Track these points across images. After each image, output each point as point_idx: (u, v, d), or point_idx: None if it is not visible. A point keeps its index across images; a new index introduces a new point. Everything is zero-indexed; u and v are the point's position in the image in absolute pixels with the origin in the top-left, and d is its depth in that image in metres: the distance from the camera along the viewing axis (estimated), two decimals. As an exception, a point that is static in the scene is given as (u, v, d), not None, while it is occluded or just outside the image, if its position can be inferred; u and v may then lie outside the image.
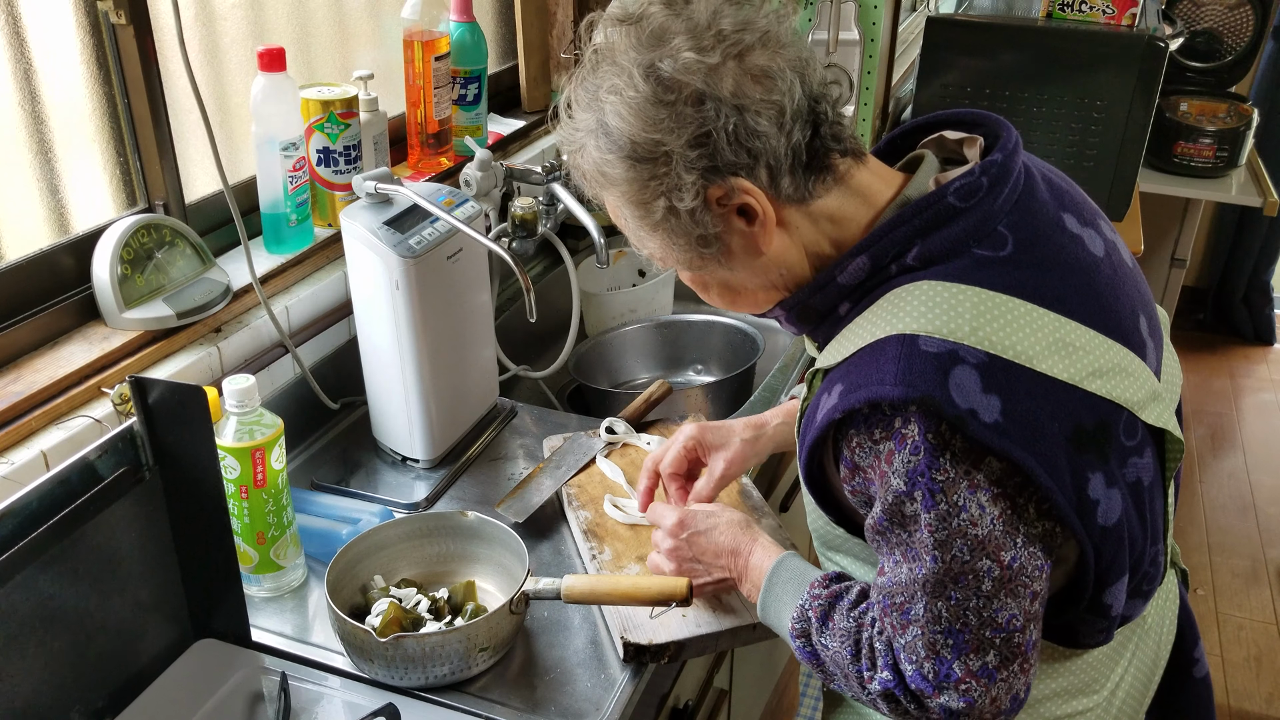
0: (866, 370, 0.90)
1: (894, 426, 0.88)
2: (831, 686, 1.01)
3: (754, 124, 0.90)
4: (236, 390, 1.17)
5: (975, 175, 0.94)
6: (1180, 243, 3.56)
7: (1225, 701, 2.60)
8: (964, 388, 0.85)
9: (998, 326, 0.88)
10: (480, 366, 1.57)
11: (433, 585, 1.25)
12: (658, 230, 0.98)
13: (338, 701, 1.12)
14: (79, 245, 1.34)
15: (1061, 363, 0.89)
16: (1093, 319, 0.92)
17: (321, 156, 1.58)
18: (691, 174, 0.92)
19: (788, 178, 0.94)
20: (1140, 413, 0.93)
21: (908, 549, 0.91)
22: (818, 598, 1.01)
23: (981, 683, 0.89)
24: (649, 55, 0.91)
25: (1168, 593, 1.14)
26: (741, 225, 0.96)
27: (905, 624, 0.91)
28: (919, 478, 0.87)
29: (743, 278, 1.02)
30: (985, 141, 1.01)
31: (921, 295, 0.91)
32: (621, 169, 0.94)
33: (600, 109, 0.94)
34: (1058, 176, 1.04)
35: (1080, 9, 2.55)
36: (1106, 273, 0.97)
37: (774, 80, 0.91)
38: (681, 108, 0.90)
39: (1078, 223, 0.98)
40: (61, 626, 1.02)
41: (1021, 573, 0.88)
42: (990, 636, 0.89)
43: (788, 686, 2.31)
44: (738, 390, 1.79)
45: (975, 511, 0.87)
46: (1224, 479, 3.43)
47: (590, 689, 1.14)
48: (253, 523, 1.22)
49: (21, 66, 1.27)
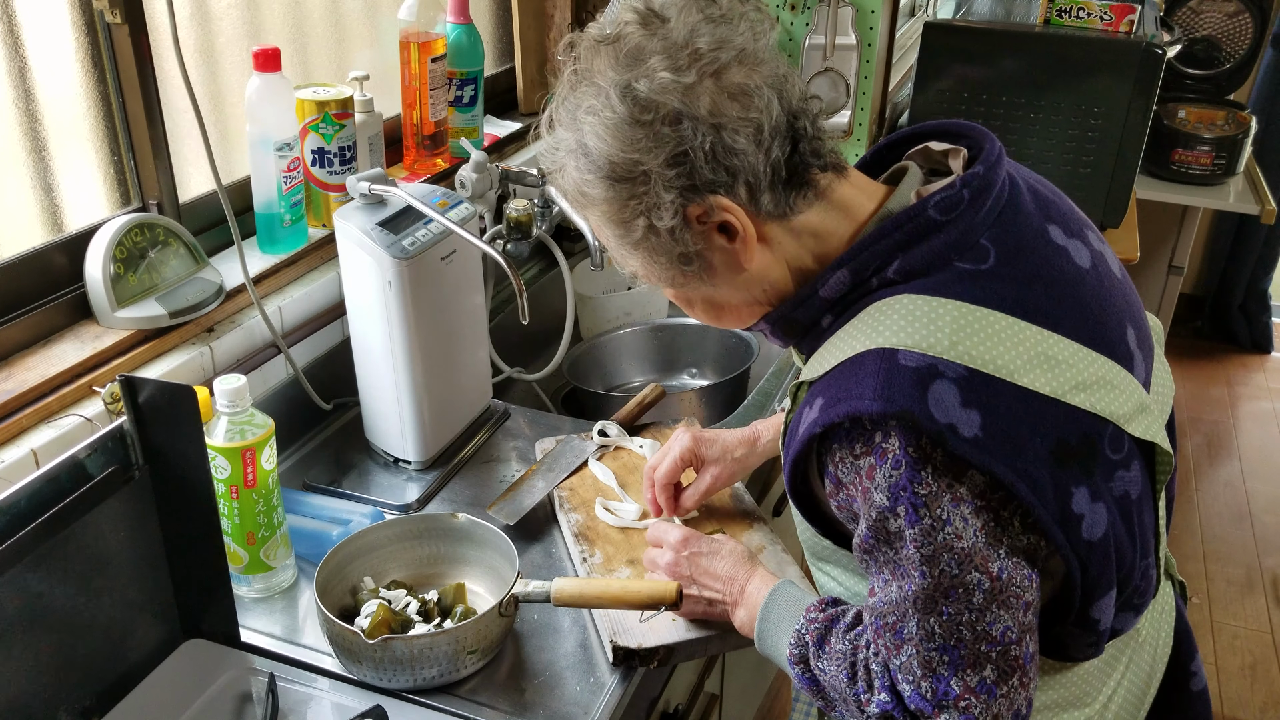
0: (846, 384, 0.89)
1: (874, 441, 0.88)
2: (832, 716, 1.01)
3: (731, 142, 0.90)
4: (227, 390, 1.17)
5: (956, 188, 0.93)
6: (1178, 250, 3.56)
7: (1220, 710, 2.60)
8: (943, 402, 0.85)
9: (978, 340, 0.87)
10: (473, 368, 1.57)
11: (422, 587, 1.25)
12: (638, 249, 0.98)
13: (326, 703, 1.12)
14: (72, 244, 1.34)
15: (1044, 376, 0.88)
16: (1077, 332, 0.92)
17: (316, 157, 1.58)
18: (670, 193, 0.92)
19: (768, 194, 0.93)
20: (1127, 426, 0.92)
21: (896, 566, 0.90)
22: (814, 621, 1.01)
23: (981, 699, 0.88)
24: (626, 75, 0.91)
25: (1163, 605, 1.13)
26: (723, 242, 0.95)
27: (899, 644, 0.90)
28: (901, 492, 0.87)
29: (726, 294, 1.02)
30: (969, 153, 1.01)
31: (901, 309, 0.90)
32: (601, 189, 0.94)
33: (579, 129, 0.94)
34: (1044, 187, 1.04)
35: (1078, 15, 2.55)
36: (1093, 284, 0.96)
37: (751, 97, 0.91)
38: (659, 127, 0.90)
39: (1063, 234, 0.98)
40: (49, 625, 1.02)
41: (1011, 583, 0.88)
42: (986, 651, 0.88)
43: (780, 692, 2.31)
44: (732, 394, 1.79)
45: (959, 525, 0.86)
46: (1220, 487, 3.43)
47: (579, 692, 1.14)
48: (243, 523, 1.22)
49: (16, 65, 1.27)
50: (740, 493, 1.43)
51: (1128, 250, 2.54)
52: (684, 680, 1.45)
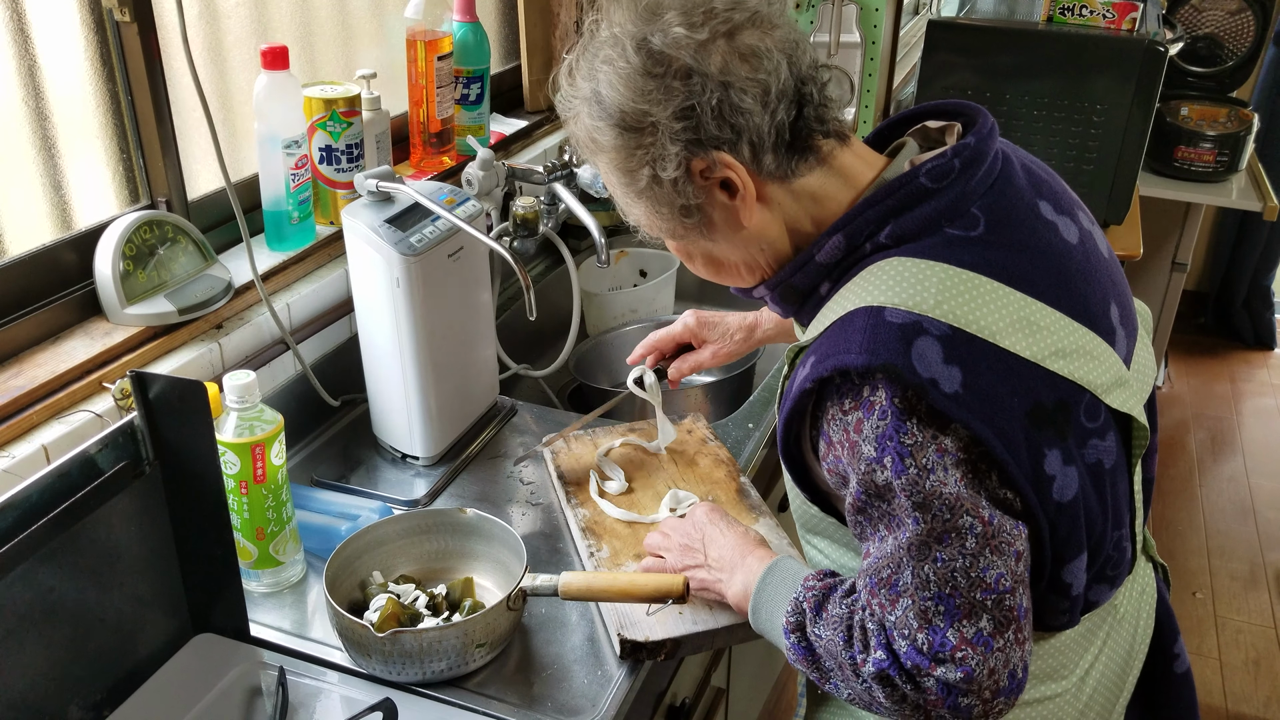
0: (835, 341, 0.92)
1: (862, 395, 0.90)
2: (827, 687, 1.01)
3: (738, 100, 0.94)
4: (237, 386, 1.18)
5: (948, 158, 0.97)
6: (1181, 247, 3.56)
7: (1224, 705, 2.60)
8: (926, 358, 0.87)
9: (963, 301, 0.90)
10: (480, 365, 1.58)
11: (431, 581, 1.26)
12: (642, 197, 1.01)
13: (335, 696, 1.12)
14: (81, 241, 1.35)
15: (1024, 340, 0.91)
16: (1060, 302, 0.95)
17: (324, 154, 1.59)
18: (675, 145, 0.95)
19: (770, 155, 0.97)
20: (1104, 396, 0.95)
21: (890, 519, 0.91)
22: (812, 589, 1.02)
23: (978, 651, 0.89)
24: (643, 29, 0.95)
25: (1144, 586, 1.15)
26: (723, 198, 0.99)
27: (895, 598, 0.91)
28: (888, 442, 0.89)
29: (725, 250, 1.05)
30: (964, 129, 1.04)
31: (891, 270, 0.93)
32: (610, 136, 0.98)
33: (595, 78, 0.98)
34: (1038, 166, 1.07)
35: (1081, 13, 2.55)
36: (1079, 260, 0.99)
37: (761, 59, 0.94)
38: (669, 81, 0.94)
39: (1053, 210, 1.01)
40: (61, 620, 1.02)
41: (1002, 530, 0.89)
42: (982, 599, 0.89)
43: (786, 685, 2.32)
44: (738, 390, 1.80)
45: (942, 474, 0.88)
46: (1224, 483, 3.44)
47: (587, 685, 1.14)
48: (252, 518, 1.22)
49: (26, 63, 1.28)
50: (746, 487, 1.44)
51: (1131, 247, 2.55)
52: (690, 674, 1.46)
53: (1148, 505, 1.11)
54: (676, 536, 1.23)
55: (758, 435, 1.59)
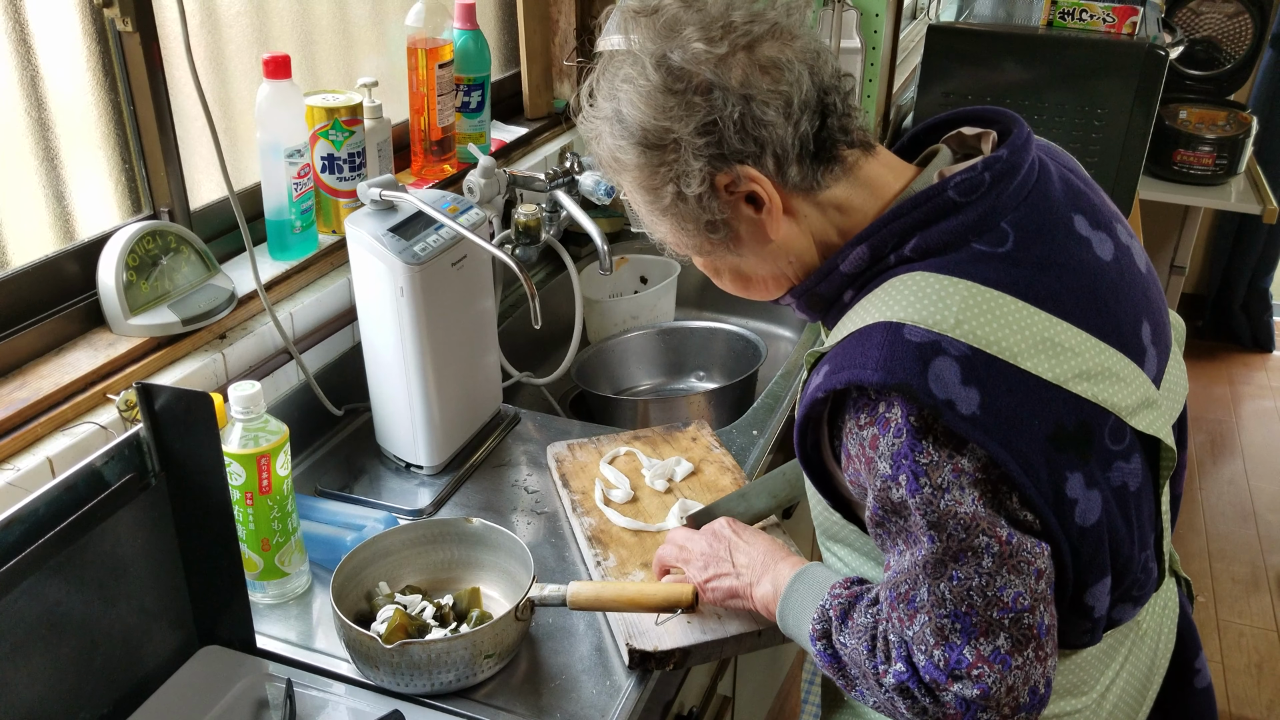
0: (851, 354, 0.91)
1: (878, 411, 0.90)
2: (853, 694, 1.01)
3: (761, 113, 0.93)
4: (242, 397, 1.18)
5: (978, 171, 0.95)
6: (1179, 250, 3.57)
7: (1226, 708, 2.60)
8: (943, 378, 0.86)
9: (984, 321, 0.89)
10: (484, 373, 1.58)
11: (438, 592, 1.25)
12: (667, 215, 1.00)
13: (343, 708, 1.12)
14: (84, 252, 1.34)
15: (1047, 362, 0.89)
16: (1087, 322, 0.93)
17: (326, 163, 1.58)
18: (699, 161, 0.94)
19: (795, 167, 0.96)
20: (1129, 418, 0.94)
21: (907, 535, 0.91)
22: (838, 597, 1.01)
23: (995, 669, 0.88)
24: (662, 46, 0.95)
25: (1166, 601, 1.14)
26: (749, 212, 0.98)
27: (912, 613, 0.91)
28: (903, 460, 0.88)
29: (752, 264, 1.04)
30: (1000, 137, 1.02)
31: (913, 285, 0.92)
32: (633, 155, 0.97)
33: (615, 98, 0.97)
34: (1078, 177, 1.05)
35: (1081, 17, 2.56)
36: (1112, 277, 0.97)
37: (782, 71, 0.93)
38: (690, 96, 0.93)
39: (1089, 225, 0.99)
40: (67, 633, 1.02)
41: (1021, 549, 0.88)
42: (999, 618, 0.88)
43: (790, 693, 2.31)
44: (740, 397, 1.80)
45: (958, 494, 0.87)
46: (1224, 485, 3.44)
47: (595, 695, 1.14)
48: (258, 529, 1.22)
49: (28, 73, 1.27)
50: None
51: (1132, 250, 2.55)
52: (697, 682, 1.46)
53: (1174, 521, 1.10)
54: (695, 550, 1.21)
55: (762, 442, 1.59)
